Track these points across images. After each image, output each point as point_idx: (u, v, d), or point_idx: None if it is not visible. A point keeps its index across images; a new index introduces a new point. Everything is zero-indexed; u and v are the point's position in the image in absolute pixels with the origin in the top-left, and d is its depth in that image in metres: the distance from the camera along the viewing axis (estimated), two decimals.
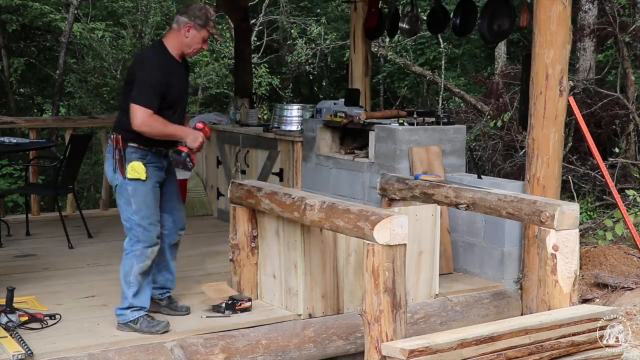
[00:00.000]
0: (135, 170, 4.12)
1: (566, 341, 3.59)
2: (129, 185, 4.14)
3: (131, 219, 4.17)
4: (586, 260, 6.14)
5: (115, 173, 4.17)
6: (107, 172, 4.26)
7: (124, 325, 4.20)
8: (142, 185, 4.16)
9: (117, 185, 4.20)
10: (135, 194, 4.15)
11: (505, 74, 10.41)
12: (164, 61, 4.15)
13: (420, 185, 4.83)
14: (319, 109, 6.79)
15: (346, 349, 4.49)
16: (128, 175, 4.12)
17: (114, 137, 4.17)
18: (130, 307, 4.19)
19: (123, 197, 4.19)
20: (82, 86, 14.33)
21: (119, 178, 4.17)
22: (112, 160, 4.17)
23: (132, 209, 4.16)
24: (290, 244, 4.48)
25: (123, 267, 4.21)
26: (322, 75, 18.08)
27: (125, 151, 4.14)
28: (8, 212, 9.59)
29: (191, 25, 4.15)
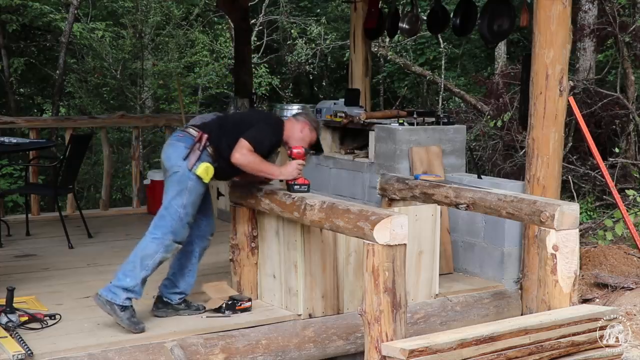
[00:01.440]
0: (207, 171, 4.23)
1: (566, 341, 3.59)
2: (191, 180, 4.21)
3: (175, 209, 4.20)
4: (586, 260, 6.14)
5: (185, 161, 4.20)
6: (171, 156, 4.27)
7: (107, 303, 4.08)
8: (200, 186, 4.26)
9: (177, 172, 4.22)
10: (192, 190, 4.23)
11: (505, 74, 10.40)
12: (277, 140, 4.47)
13: (420, 185, 4.83)
14: (319, 109, 6.80)
15: (346, 349, 4.49)
16: (198, 171, 4.20)
17: (200, 132, 4.26)
18: (128, 290, 4.10)
19: (178, 186, 4.22)
20: (82, 86, 14.32)
21: (183, 167, 4.20)
22: (185, 150, 4.22)
23: (181, 201, 4.20)
24: (290, 244, 4.48)
25: (144, 248, 4.19)
26: (322, 75, 18.08)
27: (204, 150, 4.24)
28: (8, 212, 9.59)
29: (308, 124, 4.47)
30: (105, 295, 4.11)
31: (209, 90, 15.66)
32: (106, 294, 4.12)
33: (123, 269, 4.18)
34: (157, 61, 14.86)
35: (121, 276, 4.15)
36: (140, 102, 14.57)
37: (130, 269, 4.16)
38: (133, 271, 4.15)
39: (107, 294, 4.11)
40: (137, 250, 4.22)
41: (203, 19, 16.38)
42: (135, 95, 14.62)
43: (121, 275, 4.15)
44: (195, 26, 15.93)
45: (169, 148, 4.34)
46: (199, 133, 4.28)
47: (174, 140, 4.35)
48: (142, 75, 14.52)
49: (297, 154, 4.41)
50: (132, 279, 4.13)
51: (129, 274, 4.15)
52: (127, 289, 4.12)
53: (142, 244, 4.23)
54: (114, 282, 4.14)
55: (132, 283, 4.13)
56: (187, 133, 4.32)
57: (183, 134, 4.34)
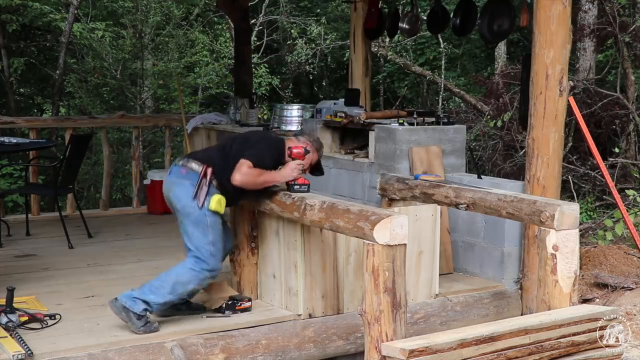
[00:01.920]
0: (220, 203, 4.23)
1: (566, 341, 3.59)
2: (209, 216, 4.22)
3: (205, 249, 4.22)
4: (586, 260, 6.14)
5: (194, 201, 4.19)
6: (180, 197, 4.24)
7: (124, 309, 4.10)
8: (219, 218, 4.29)
9: (192, 214, 4.21)
10: (213, 226, 4.25)
11: (505, 74, 10.39)
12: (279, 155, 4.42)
13: (420, 185, 4.83)
14: (319, 109, 6.79)
15: (346, 349, 4.49)
16: (212, 206, 4.20)
17: (203, 167, 4.22)
18: (148, 304, 4.12)
19: (199, 227, 4.22)
20: (82, 86, 14.32)
21: (195, 207, 4.20)
22: (192, 188, 4.20)
23: (208, 239, 4.22)
24: (290, 244, 4.48)
25: (180, 275, 4.19)
26: (322, 75, 18.08)
27: (211, 184, 4.23)
28: (8, 212, 9.59)
29: (309, 144, 4.48)
30: (124, 302, 4.12)
31: (209, 90, 15.66)
32: (125, 301, 4.12)
33: (151, 284, 4.20)
34: (157, 61, 14.86)
35: (147, 290, 4.16)
36: (140, 102, 14.57)
37: (157, 287, 4.18)
38: (160, 290, 4.17)
39: (126, 301, 4.12)
40: (172, 273, 4.23)
41: (203, 19, 16.39)
42: (135, 95, 14.62)
43: (147, 289, 4.16)
44: (195, 26, 15.93)
45: (176, 187, 4.27)
46: (202, 167, 4.24)
47: (178, 179, 4.27)
48: (142, 75, 14.52)
49: (297, 154, 4.42)
50: (156, 297, 4.15)
51: (155, 291, 4.16)
52: (147, 302, 4.14)
53: (178, 270, 4.23)
54: (136, 293, 4.15)
55: (155, 300, 4.15)
56: (189, 169, 4.27)
57: (186, 170, 4.27)
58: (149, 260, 5.76)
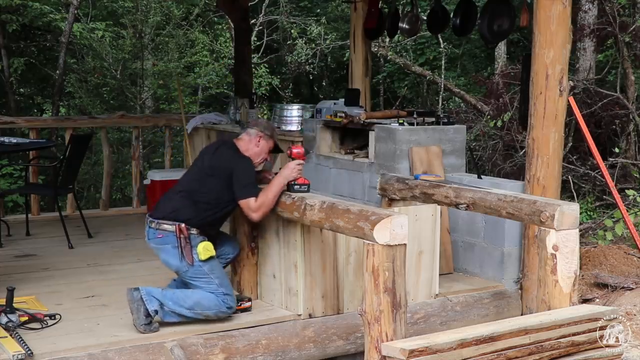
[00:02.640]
0: (207, 249, 4.24)
1: (566, 341, 3.59)
2: (205, 266, 4.25)
3: (217, 292, 4.25)
4: (586, 260, 6.14)
5: (182, 262, 4.22)
6: (169, 262, 4.29)
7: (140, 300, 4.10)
8: (214, 261, 4.30)
9: (187, 271, 4.25)
10: (213, 271, 4.28)
11: (505, 74, 10.39)
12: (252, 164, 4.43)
13: (420, 185, 4.83)
14: (319, 109, 6.79)
15: (346, 349, 4.49)
16: (202, 257, 4.22)
17: (176, 226, 4.22)
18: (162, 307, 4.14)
19: (200, 279, 4.25)
20: (82, 86, 14.32)
21: (186, 265, 4.23)
22: (175, 250, 4.22)
23: (215, 285, 4.25)
24: (290, 244, 4.48)
25: (204, 298, 4.21)
26: (322, 75, 18.08)
27: (190, 237, 4.24)
28: (8, 212, 9.58)
29: (262, 135, 4.49)
30: (144, 295, 4.13)
31: (209, 90, 15.66)
32: (144, 294, 4.14)
33: (175, 292, 4.24)
34: (157, 61, 14.86)
35: (168, 295, 4.19)
36: (140, 102, 14.57)
37: (179, 298, 4.20)
38: (180, 302, 4.19)
39: (145, 294, 4.14)
40: (199, 293, 4.24)
41: (203, 19, 16.38)
42: (135, 95, 14.62)
43: (169, 295, 4.19)
44: (195, 26, 15.93)
45: (161, 254, 4.31)
46: (174, 226, 4.23)
47: (158, 245, 4.29)
48: (142, 75, 14.52)
49: (297, 154, 4.43)
50: (174, 305, 4.17)
51: (176, 300, 4.19)
52: (162, 305, 4.16)
53: (206, 294, 4.24)
54: (157, 293, 4.18)
55: (170, 308, 4.17)
56: (164, 231, 4.26)
57: (162, 233, 4.27)
58: (149, 260, 5.74)
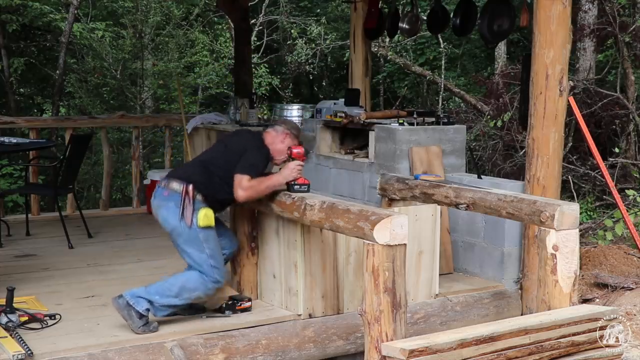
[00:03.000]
0: (208, 217, 4.23)
1: (566, 341, 3.59)
2: (201, 232, 4.23)
3: (207, 264, 4.24)
4: (586, 260, 6.14)
5: (181, 222, 4.21)
6: (168, 219, 4.26)
7: (127, 306, 4.10)
8: (212, 231, 4.29)
9: (182, 233, 4.23)
10: (208, 240, 4.26)
11: (505, 74, 10.39)
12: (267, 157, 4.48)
13: (420, 185, 4.83)
14: (319, 109, 6.80)
15: (346, 349, 4.49)
16: (200, 223, 4.21)
17: (184, 186, 4.22)
18: (152, 304, 4.14)
19: (194, 245, 4.24)
20: (82, 86, 14.32)
21: (184, 227, 4.21)
22: (177, 209, 4.21)
23: (206, 255, 4.24)
24: (290, 244, 4.48)
25: (188, 280, 4.21)
26: (322, 75, 18.08)
27: (195, 201, 4.23)
28: (8, 212, 9.58)
29: (288, 133, 4.50)
30: (129, 299, 4.13)
31: (209, 90, 15.66)
32: (130, 298, 4.14)
33: (158, 284, 4.22)
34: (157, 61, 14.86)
35: (153, 290, 4.18)
36: (140, 102, 14.57)
37: (164, 289, 4.19)
38: (166, 292, 4.19)
39: (130, 298, 4.14)
40: (181, 277, 4.25)
41: (203, 19, 16.38)
42: (135, 95, 14.62)
43: (153, 290, 4.18)
44: (195, 26, 15.92)
45: (162, 211, 4.29)
46: (182, 186, 4.24)
47: (162, 201, 4.29)
48: (142, 75, 14.52)
49: (297, 154, 4.43)
50: (161, 298, 4.17)
51: (161, 292, 4.18)
52: (151, 302, 4.15)
53: (188, 275, 4.25)
54: (141, 292, 4.17)
55: (159, 301, 4.17)
56: (171, 189, 4.27)
57: (168, 191, 4.28)
58: (149, 260, 5.76)
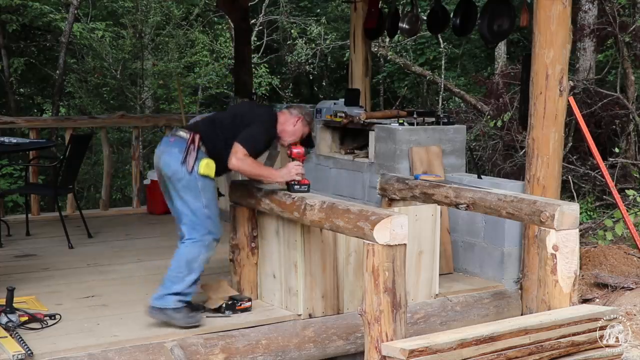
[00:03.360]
0: (209, 166, 4.25)
1: (566, 341, 3.59)
2: (199, 180, 4.24)
3: (201, 212, 4.25)
4: (586, 260, 6.14)
5: (182, 166, 4.21)
6: (170, 163, 4.26)
7: (160, 311, 4.16)
8: (210, 182, 4.31)
9: (182, 179, 4.23)
10: (205, 189, 4.27)
11: (505, 74, 10.40)
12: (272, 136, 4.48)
13: (420, 185, 4.83)
14: (319, 109, 6.80)
15: (346, 349, 4.49)
16: (201, 170, 4.22)
17: (190, 135, 4.26)
18: (179, 294, 4.18)
19: (190, 192, 4.24)
20: (82, 86, 14.32)
21: (184, 172, 4.21)
22: (180, 155, 4.22)
23: (202, 203, 4.25)
24: (290, 244, 4.48)
25: (187, 253, 4.24)
26: (322, 75, 18.08)
27: (199, 150, 4.25)
28: (8, 212, 9.59)
29: (301, 118, 4.50)
30: (156, 304, 4.19)
31: (209, 90, 15.66)
32: (156, 303, 4.19)
33: (169, 277, 4.24)
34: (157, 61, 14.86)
35: (168, 284, 4.21)
36: (140, 102, 14.57)
37: (175, 275, 4.22)
38: (179, 276, 4.22)
39: (156, 302, 4.19)
40: (180, 256, 4.26)
41: (203, 19, 16.39)
42: (135, 95, 14.62)
43: (168, 283, 4.21)
44: (195, 26, 15.93)
45: (165, 155, 4.31)
46: (190, 134, 4.28)
47: (167, 147, 4.33)
48: (142, 75, 14.52)
49: (297, 154, 4.42)
50: (180, 284, 4.20)
51: (175, 280, 4.21)
52: (177, 293, 4.19)
53: (183, 250, 4.27)
54: (161, 291, 4.20)
55: (181, 288, 4.20)
56: (177, 137, 4.31)
57: (174, 137, 4.33)
58: (149, 260, 5.76)
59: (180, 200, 4.28)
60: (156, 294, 4.22)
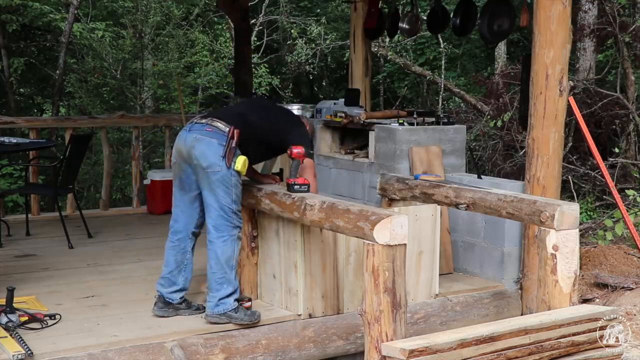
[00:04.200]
0: (244, 165, 4.25)
1: (566, 341, 3.59)
2: (234, 176, 4.23)
3: (229, 207, 4.24)
4: (586, 260, 6.14)
5: (223, 160, 4.18)
6: (207, 154, 4.18)
7: (222, 316, 4.19)
8: (240, 179, 4.31)
9: (219, 172, 4.19)
10: (236, 185, 4.27)
11: (505, 74, 10.40)
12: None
13: (420, 185, 4.83)
14: (319, 109, 6.80)
15: (346, 349, 4.49)
16: (237, 167, 4.21)
17: (231, 129, 4.22)
18: (233, 293, 4.21)
19: (223, 186, 4.21)
20: (82, 86, 14.32)
21: (223, 166, 4.19)
22: (220, 148, 4.18)
23: (231, 199, 4.24)
24: (290, 244, 4.48)
25: (223, 253, 4.23)
26: (322, 75, 18.08)
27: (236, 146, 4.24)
28: (8, 212, 9.58)
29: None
30: (215, 312, 4.21)
31: (209, 90, 15.66)
32: (215, 310, 4.22)
33: (215, 280, 4.24)
34: (157, 61, 14.86)
35: (217, 287, 4.22)
36: (140, 102, 14.57)
37: (220, 277, 4.23)
38: (225, 277, 4.23)
39: (216, 310, 4.22)
40: (215, 258, 4.25)
41: (203, 19, 16.39)
42: (135, 95, 14.63)
43: (216, 287, 4.22)
44: (195, 26, 15.93)
45: (201, 144, 4.20)
46: (230, 128, 4.22)
47: (204, 136, 4.21)
48: (142, 75, 14.52)
49: (297, 154, 4.40)
50: (228, 285, 4.22)
51: (223, 281, 4.23)
52: (229, 295, 4.22)
53: (217, 251, 4.25)
54: (214, 297, 4.22)
55: (232, 288, 4.23)
56: (216, 127, 4.23)
57: (211, 127, 4.23)
58: (149, 260, 5.75)
59: (211, 193, 4.22)
60: (210, 303, 4.23)
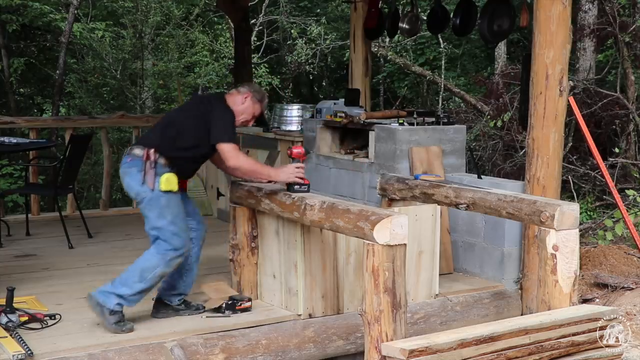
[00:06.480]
0: (170, 182, 4.17)
1: (566, 341, 3.59)
2: (162, 197, 4.17)
3: (166, 230, 4.17)
4: (586, 260, 6.14)
5: (143, 186, 4.17)
6: (131, 185, 4.22)
7: (98, 305, 4.10)
8: (174, 196, 4.22)
9: (146, 198, 4.18)
10: (169, 205, 4.19)
11: (505, 74, 10.41)
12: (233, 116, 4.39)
13: (420, 185, 4.83)
14: (319, 109, 6.80)
15: (346, 349, 4.49)
16: (162, 187, 4.15)
17: (144, 151, 4.17)
18: (122, 298, 4.12)
19: (155, 210, 4.18)
20: (82, 86, 14.34)
21: (146, 191, 4.17)
22: (139, 175, 4.17)
23: (167, 220, 4.18)
24: (290, 244, 4.48)
25: (145, 261, 4.18)
26: (322, 75, 18.09)
27: (157, 165, 4.18)
28: (8, 212, 9.59)
29: (250, 95, 4.41)
30: (97, 298, 4.13)
31: (209, 90, 15.67)
32: (98, 297, 4.13)
33: (121, 276, 4.19)
34: (157, 61, 14.87)
35: (118, 284, 4.16)
36: (140, 102, 14.58)
37: (127, 279, 4.17)
38: (129, 280, 4.16)
39: (99, 297, 4.13)
40: (139, 261, 4.22)
41: (203, 19, 16.40)
42: (135, 95, 14.63)
43: (118, 283, 4.16)
44: (195, 26, 15.94)
45: (126, 177, 4.25)
46: (143, 151, 4.19)
47: (126, 168, 4.25)
48: (142, 75, 14.53)
49: (297, 154, 4.42)
50: (127, 289, 4.14)
51: (125, 283, 4.16)
52: (120, 296, 4.13)
53: (144, 257, 4.22)
54: (109, 287, 4.15)
55: (127, 292, 4.14)
56: (133, 156, 4.23)
57: (130, 157, 4.24)
58: None
59: (146, 219, 4.23)
60: (103, 287, 4.16)
